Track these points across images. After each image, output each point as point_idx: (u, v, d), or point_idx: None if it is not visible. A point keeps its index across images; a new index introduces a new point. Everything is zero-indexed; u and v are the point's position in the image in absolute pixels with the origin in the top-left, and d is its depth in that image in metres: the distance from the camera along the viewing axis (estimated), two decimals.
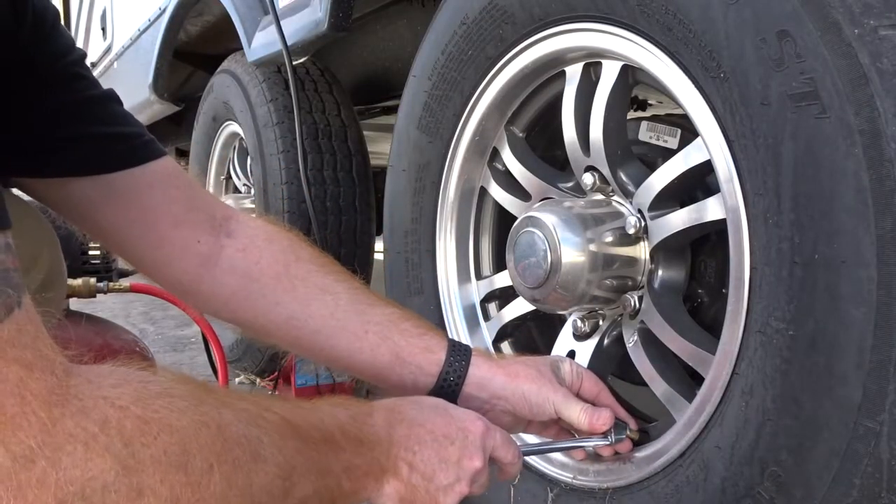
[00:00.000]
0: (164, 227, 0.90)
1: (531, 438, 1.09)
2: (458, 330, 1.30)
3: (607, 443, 0.97)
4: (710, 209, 0.90)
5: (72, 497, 0.48)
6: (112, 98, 0.91)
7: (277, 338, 0.95)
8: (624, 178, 1.05)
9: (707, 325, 1.02)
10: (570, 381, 0.98)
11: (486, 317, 1.31)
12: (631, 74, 1.03)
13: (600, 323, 1.12)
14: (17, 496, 0.47)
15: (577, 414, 0.94)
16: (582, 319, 1.13)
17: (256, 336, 0.98)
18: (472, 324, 1.30)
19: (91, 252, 1.76)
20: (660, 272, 1.02)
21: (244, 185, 2.65)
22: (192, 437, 0.55)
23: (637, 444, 1.00)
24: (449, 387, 0.93)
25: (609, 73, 1.04)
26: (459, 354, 0.95)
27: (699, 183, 0.99)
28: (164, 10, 2.64)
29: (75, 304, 1.68)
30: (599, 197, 1.08)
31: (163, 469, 0.53)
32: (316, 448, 0.67)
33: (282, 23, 1.71)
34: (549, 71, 1.14)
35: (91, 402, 0.51)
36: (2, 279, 0.49)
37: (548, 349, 1.20)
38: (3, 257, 0.50)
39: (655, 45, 0.91)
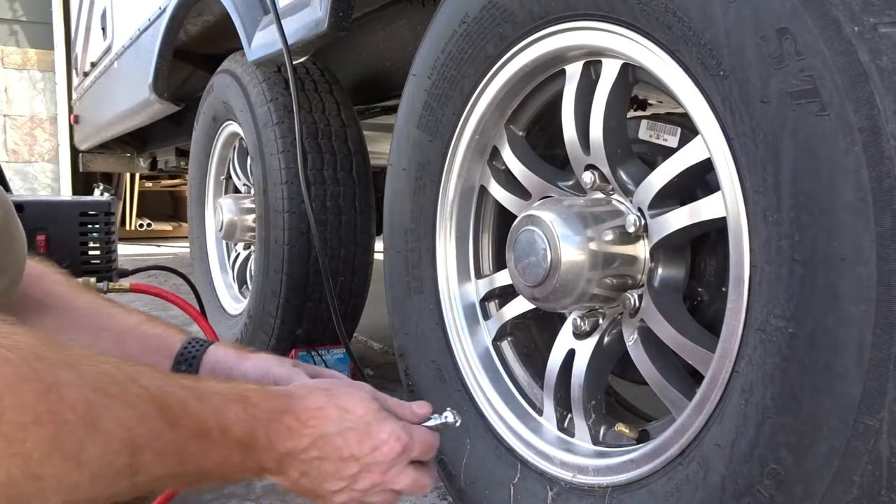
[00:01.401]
0: None
1: None
2: (458, 328, 1.30)
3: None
4: (710, 207, 0.90)
5: None
6: None
7: None
8: (624, 176, 1.05)
9: (707, 323, 1.02)
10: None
11: (486, 315, 1.31)
12: (631, 73, 1.03)
13: (600, 321, 1.12)
14: None
15: None
16: (582, 318, 1.13)
17: None
18: (472, 322, 1.30)
19: (91, 252, 1.76)
20: (660, 270, 1.02)
21: (244, 185, 2.65)
22: (6, 389, 0.54)
23: (637, 442, 1.00)
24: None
25: (609, 72, 1.04)
26: (198, 344, 0.96)
27: (699, 181, 0.99)
28: (164, 10, 2.64)
29: None
30: (599, 195, 1.08)
31: None
32: (183, 437, 0.65)
33: (282, 22, 1.71)
34: (549, 69, 1.14)
35: None
36: None
37: (548, 347, 1.20)
38: None
39: (655, 44, 0.91)
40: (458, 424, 0.90)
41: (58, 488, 0.57)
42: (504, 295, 1.29)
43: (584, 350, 1.12)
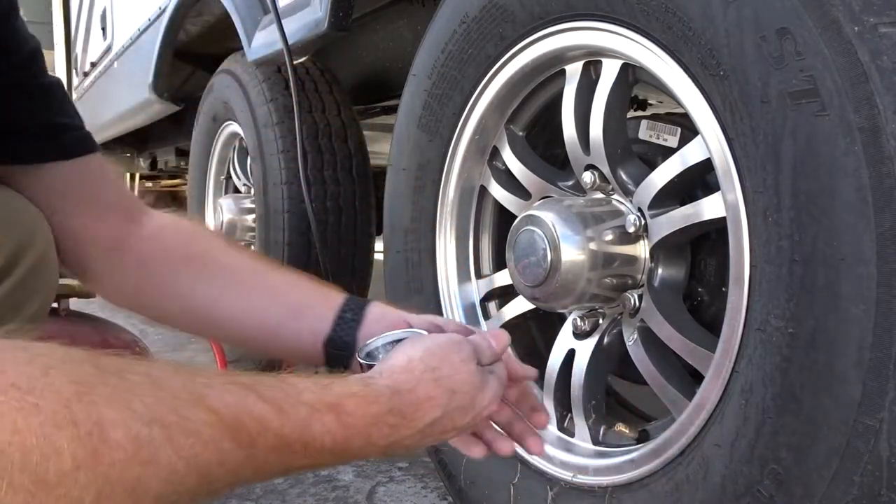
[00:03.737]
0: (87, 219, 0.92)
1: None
2: None
3: None
4: (710, 207, 0.90)
5: None
6: (61, 86, 0.92)
7: (179, 318, 0.97)
8: (624, 176, 1.05)
9: (707, 323, 1.02)
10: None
11: (486, 315, 1.31)
12: (631, 73, 1.03)
13: (600, 321, 1.12)
14: None
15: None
16: (582, 318, 1.13)
17: (159, 321, 0.99)
18: (472, 322, 1.30)
19: None
20: (660, 270, 1.02)
21: (244, 185, 2.65)
22: (41, 440, 0.49)
23: (637, 442, 1.00)
24: (346, 323, 0.91)
25: (609, 72, 1.04)
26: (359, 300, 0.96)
27: (699, 181, 0.99)
28: (164, 10, 2.64)
29: (75, 304, 1.68)
30: (599, 195, 1.08)
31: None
32: (261, 453, 0.61)
33: (282, 22, 1.71)
34: (550, 69, 1.14)
35: None
36: None
37: (548, 348, 1.20)
38: None
39: (655, 44, 0.91)
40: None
41: None
42: (504, 295, 1.29)
43: (584, 350, 1.12)
